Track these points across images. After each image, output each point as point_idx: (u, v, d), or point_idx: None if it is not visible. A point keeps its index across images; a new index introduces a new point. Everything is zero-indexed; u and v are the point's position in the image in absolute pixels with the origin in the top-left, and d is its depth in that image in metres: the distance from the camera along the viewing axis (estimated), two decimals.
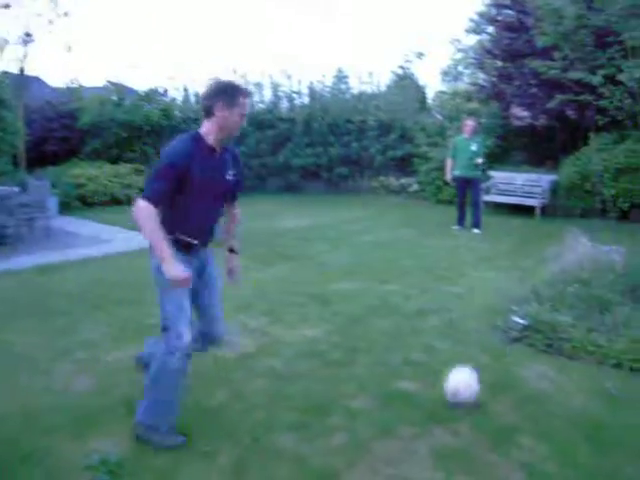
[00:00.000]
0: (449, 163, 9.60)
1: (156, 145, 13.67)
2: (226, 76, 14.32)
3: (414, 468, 2.77)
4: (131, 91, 14.72)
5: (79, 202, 11.25)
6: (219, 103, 2.74)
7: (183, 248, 2.86)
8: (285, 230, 9.34)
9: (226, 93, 2.75)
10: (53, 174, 11.01)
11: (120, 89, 13.98)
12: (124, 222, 9.55)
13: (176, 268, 2.62)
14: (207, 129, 2.81)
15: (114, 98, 13.58)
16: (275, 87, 14.73)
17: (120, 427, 3.11)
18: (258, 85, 14.63)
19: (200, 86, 14.59)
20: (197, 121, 13.48)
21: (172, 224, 2.78)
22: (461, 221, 9.55)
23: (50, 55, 37.87)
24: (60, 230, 8.93)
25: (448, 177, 9.71)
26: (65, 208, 10.60)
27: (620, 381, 3.71)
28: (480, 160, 9.26)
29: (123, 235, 8.74)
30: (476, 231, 9.27)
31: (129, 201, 11.57)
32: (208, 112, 2.78)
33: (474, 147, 9.25)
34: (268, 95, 14.73)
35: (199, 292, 3.03)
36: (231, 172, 2.97)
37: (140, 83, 27.80)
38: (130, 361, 3.71)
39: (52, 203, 9.37)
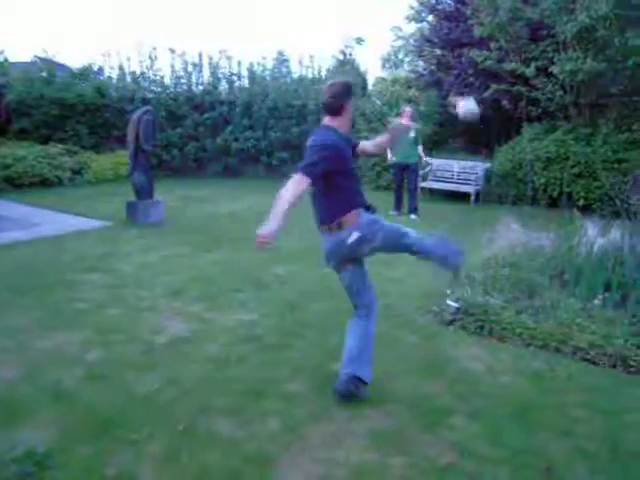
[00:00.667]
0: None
1: (90, 124, 13.18)
2: (170, 55, 13.97)
3: (348, 451, 2.79)
4: (62, 67, 14.09)
5: (6, 184, 10.68)
6: (349, 102, 3.11)
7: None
8: (223, 215, 9.19)
9: (350, 93, 3.13)
10: None
11: (50, 65, 13.32)
12: (54, 204, 9.18)
13: None
14: (339, 124, 3.12)
15: (43, 74, 12.95)
16: (214, 68, 14.38)
17: (48, 417, 2.99)
18: (196, 65, 14.23)
19: (135, 65, 14.12)
20: (133, 101, 13.13)
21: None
22: (398, 207, 9.66)
23: None
24: None
25: (391, 159, 9.66)
26: None
27: (546, 362, 3.86)
28: (421, 150, 9.41)
29: (53, 218, 8.39)
30: (413, 217, 9.40)
31: (60, 182, 11.13)
32: (338, 110, 3.09)
33: (412, 133, 9.35)
34: (207, 76, 14.37)
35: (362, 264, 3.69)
36: None
37: (73, 60, 26.71)
38: (60, 348, 3.56)
39: None
